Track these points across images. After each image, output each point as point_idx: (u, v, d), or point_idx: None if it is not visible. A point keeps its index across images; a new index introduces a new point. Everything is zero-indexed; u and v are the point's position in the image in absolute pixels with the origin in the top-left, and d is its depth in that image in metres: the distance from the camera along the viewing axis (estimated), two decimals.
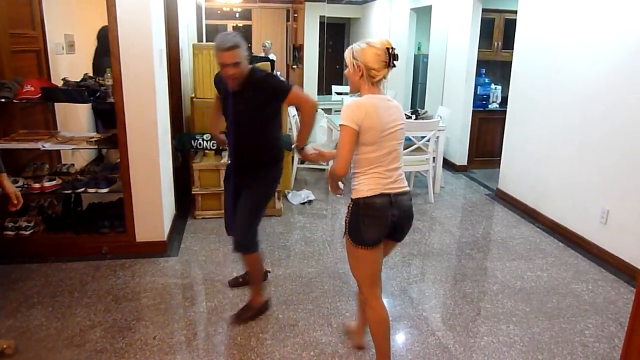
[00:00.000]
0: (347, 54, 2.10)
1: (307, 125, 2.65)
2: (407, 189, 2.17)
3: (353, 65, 2.07)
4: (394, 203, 2.09)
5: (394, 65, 2.05)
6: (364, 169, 2.09)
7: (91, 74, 4.18)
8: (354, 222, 2.10)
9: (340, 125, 2.03)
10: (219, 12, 10.96)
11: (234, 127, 2.62)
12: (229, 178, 2.78)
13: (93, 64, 4.35)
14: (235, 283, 3.19)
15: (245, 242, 2.68)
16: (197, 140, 4.43)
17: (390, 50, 2.02)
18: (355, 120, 1.99)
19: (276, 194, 4.46)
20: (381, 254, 2.21)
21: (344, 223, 2.17)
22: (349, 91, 7.00)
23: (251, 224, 2.69)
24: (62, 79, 3.54)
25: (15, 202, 2.41)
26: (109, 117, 4.41)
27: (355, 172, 2.13)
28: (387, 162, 2.09)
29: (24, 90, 3.27)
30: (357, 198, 2.09)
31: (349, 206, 2.14)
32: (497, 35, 6.33)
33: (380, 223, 2.09)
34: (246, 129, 2.61)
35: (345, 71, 2.14)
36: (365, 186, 2.09)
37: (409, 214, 2.18)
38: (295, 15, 10.61)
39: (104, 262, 3.45)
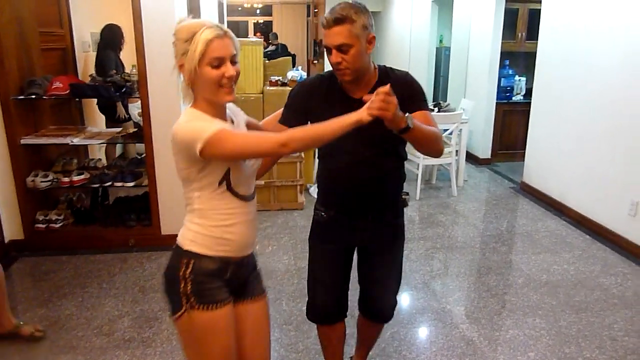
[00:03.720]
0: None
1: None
2: None
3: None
4: None
5: None
6: None
7: (94, 70, 4.34)
8: None
9: None
10: (239, 8, 11.04)
11: None
12: None
13: (96, 58, 4.51)
14: None
15: None
16: None
17: None
18: None
19: (298, 187, 4.49)
20: None
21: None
22: None
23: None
24: (90, 75, 3.62)
25: None
26: (113, 112, 4.54)
27: None
28: None
29: (53, 86, 3.35)
30: None
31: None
32: (520, 26, 6.20)
33: None
34: None
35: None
36: None
37: None
38: (316, 10, 10.59)
39: (130, 254, 3.53)
